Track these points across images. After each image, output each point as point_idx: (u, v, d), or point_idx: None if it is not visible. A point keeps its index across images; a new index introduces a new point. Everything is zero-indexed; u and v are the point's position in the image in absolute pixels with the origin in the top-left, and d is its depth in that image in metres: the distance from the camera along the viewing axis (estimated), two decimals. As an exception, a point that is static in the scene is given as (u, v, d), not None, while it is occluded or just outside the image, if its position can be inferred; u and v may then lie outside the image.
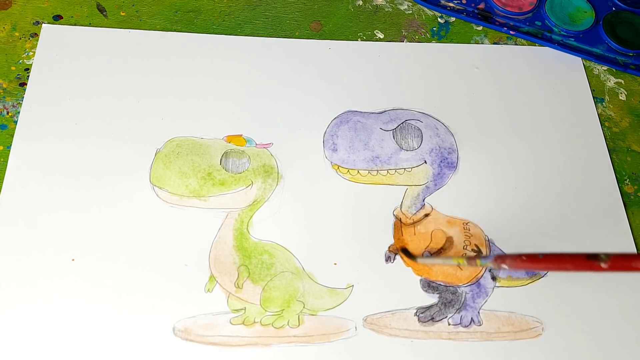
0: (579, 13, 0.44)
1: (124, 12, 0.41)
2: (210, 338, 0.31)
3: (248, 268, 0.33)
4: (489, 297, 0.33)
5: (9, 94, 0.37)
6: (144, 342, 0.31)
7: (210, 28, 0.41)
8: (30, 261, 0.32)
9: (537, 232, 0.36)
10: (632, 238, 0.36)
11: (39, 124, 0.36)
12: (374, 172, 0.37)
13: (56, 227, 0.33)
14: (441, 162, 0.37)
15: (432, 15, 0.44)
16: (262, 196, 0.35)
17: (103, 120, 0.37)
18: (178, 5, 0.42)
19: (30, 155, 0.35)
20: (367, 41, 0.42)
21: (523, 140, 0.39)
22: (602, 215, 0.36)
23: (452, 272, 0.34)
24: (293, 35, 0.42)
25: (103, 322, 0.31)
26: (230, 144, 0.37)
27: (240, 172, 0.36)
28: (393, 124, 0.39)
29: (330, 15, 0.43)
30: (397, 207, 0.36)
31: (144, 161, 0.36)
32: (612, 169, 0.38)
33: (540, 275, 0.34)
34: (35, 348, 0.30)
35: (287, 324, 0.32)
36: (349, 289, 0.33)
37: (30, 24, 0.40)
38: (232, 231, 0.34)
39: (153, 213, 0.34)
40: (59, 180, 0.35)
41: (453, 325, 0.33)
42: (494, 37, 0.43)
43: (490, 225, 0.36)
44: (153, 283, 0.32)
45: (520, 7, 0.44)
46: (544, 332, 0.33)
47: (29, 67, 0.38)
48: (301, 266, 0.33)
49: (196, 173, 0.36)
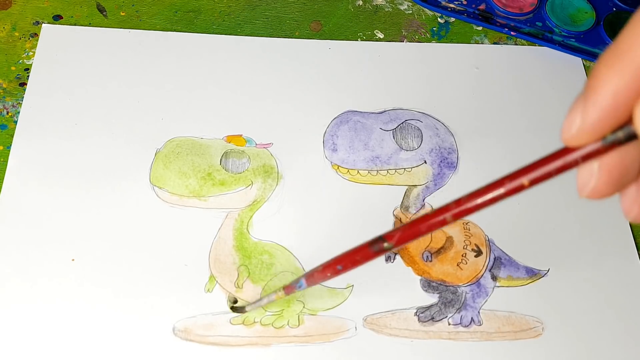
0: (579, 14, 0.44)
1: (124, 12, 0.41)
2: (210, 338, 0.31)
3: (248, 268, 0.33)
4: (489, 297, 0.33)
5: (9, 94, 0.37)
6: (144, 342, 0.31)
7: (210, 28, 0.41)
8: (30, 261, 0.32)
9: (537, 232, 0.36)
10: (632, 238, 0.36)
11: (39, 124, 0.36)
12: (374, 172, 0.37)
13: (56, 227, 0.33)
14: (441, 162, 0.37)
15: (432, 15, 0.44)
16: (262, 196, 0.35)
17: (103, 121, 0.37)
18: (178, 5, 0.42)
19: (30, 155, 0.35)
20: (367, 41, 0.42)
21: (523, 141, 0.39)
22: (602, 215, 0.36)
23: (452, 272, 0.34)
24: (293, 35, 0.42)
25: (103, 322, 0.31)
26: (230, 144, 0.37)
27: (240, 172, 0.36)
28: (393, 124, 0.39)
29: (330, 15, 0.43)
30: (397, 207, 0.36)
31: (144, 161, 0.36)
32: (612, 169, 0.38)
33: (541, 275, 0.34)
34: (36, 348, 0.30)
35: (287, 324, 0.32)
36: (349, 289, 0.33)
37: (30, 24, 0.40)
38: (232, 231, 0.34)
39: (153, 213, 0.34)
40: (59, 180, 0.35)
41: (453, 325, 0.33)
42: (494, 37, 0.43)
43: (490, 225, 0.36)
44: (153, 283, 0.32)
45: (520, 7, 0.44)
46: (544, 332, 0.33)
47: (29, 67, 0.38)
48: (301, 266, 0.33)
49: (196, 173, 0.36)
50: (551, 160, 0.18)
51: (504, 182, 0.19)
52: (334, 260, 0.26)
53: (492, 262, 0.34)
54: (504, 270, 0.34)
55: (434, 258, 0.34)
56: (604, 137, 0.17)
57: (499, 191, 0.19)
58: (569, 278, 0.34)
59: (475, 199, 0.20)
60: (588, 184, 0.18)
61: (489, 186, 0.20)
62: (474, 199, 0.20)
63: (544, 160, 0.18)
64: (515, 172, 0.19)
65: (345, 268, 0.26)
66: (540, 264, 0.35)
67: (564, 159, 0.18)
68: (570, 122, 0.17)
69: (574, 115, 0.17)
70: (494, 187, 0.20)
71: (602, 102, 0.16)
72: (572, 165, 0.18)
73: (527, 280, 0.34)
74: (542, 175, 0.18)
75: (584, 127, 0.16)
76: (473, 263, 0.34)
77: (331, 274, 0.27)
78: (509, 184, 0.19)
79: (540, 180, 0.19)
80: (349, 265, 0.26)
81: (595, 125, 0.16)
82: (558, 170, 0.18)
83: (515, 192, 0.19)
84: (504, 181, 0.19)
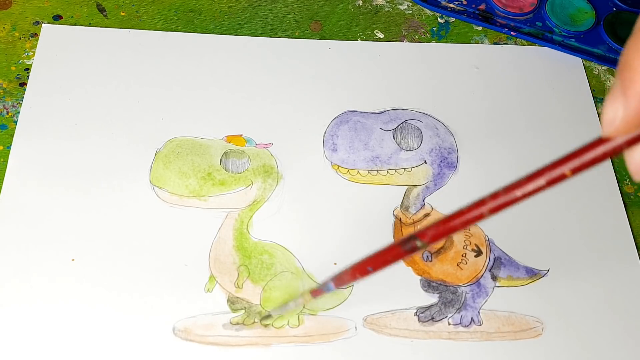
0: (579, 14, 0.44)
1: (124, 12, 0.41)
2: (210, 338, 0.31)
3: (248, 268, 0.33)
4: (489, 297, 0.33)
5: (9, 94, 0.37)
6: (144, 342, 0.31)
7: (210, 28, 0.41)
8: (30, 261, 0.32)
9: (537, 232, 0.36)
10: (632, 238, 0.36)
11: (39, 124, 0.36)
12: (374, 172, 0.37)
13: (56, 227, 0.33)
14: (441, 162, 0.37)
15: (432, 15, 0.44)
16: (262, 196, 0.35)
17: (103, 121, 0.37)
18: (178, 5, 0.42)
19: (30, 155, 0.35)
20: (367, 41, 0.42)
21: (523, 140, 0.39)
22: (602, 215, 0.36)
23: (453, 272, 0.34)
24: (293, 35, 0.42)
25: (103, 322, 0.31)
26: (230, 144, 0.37)
27: (240, 172, 0.36)
28: (393, 124, 0.39)
29: (330, 15, 0.43)
30: (397, 207, 0.36)
31: (144, 161, 0.36)
32: (612, 169, 0.38)
33: (541, 275, 0.34)
34: (35, 348, 0.30)
35: (287, 324, 0.32)
36: (349, 289, 0.33)
37: (30, 24, 0.40)
38: (232, 231, 0.34)
39: (153, 213, 0.34)
40: (59, 180, 0.35)
41: (453, 325, 0.33)
42: (494, 37, 0.43)
43: (490, 225, 0.36)
44: (153, 283, 0.32)
45: (520, 7, 0.44)
46: (544, 332, 0.33)
47: (29, 67, 0.38)
48: (301, 266, 0.33)
49: (196, 173, 0.36)
50: (593, 148, 0.18)
51: (544, 172, 0.18)
52: (364, 262, 0.25)
53: (492, 262, 0.34)
54: (504, 270, 0.34)
55: (434, 258, 0.34)
56: None
57: (539, 182, 0.18)
58: (569, 278, 0.34)
59: (513, 192, 0.19)
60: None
61: (529, 177, 0.19)
62: (513, 191, 0.19)
63: (586, 148, 0.18)
64: (556, 161, 0.18)
65: (375, 269, 0.25)
66: (540, 264, 0.35)
67: (607, 145, 0.17)
68: (613, 114, 0.17)
69: (615, 107, 0.17)
70: (533, 177, 0.19)
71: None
72: (617, 151, 0.17)
73: (527, 280, 0.34)
74: (585, 163, 0.18)
75: (627, 117, 0.17)
76: (473, 263, 0.34)
77: (360, 275, 0.26)
78: (549, 173, 0.18)
79: (582, 169, 0.18)
80: (380, 265, 0.25)
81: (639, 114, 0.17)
82: (602, 157, 0.18)
83: (557, 182, 0.18)
84: (543, 171, 0.18)
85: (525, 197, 0.19)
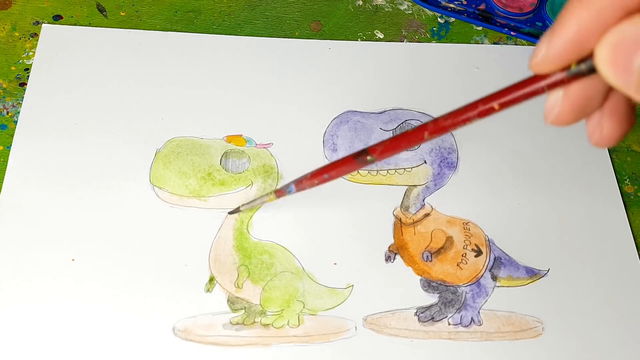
0: (579, 13, 0.44)
1: (124, 12, 0.41)
2: (210, 338, 0.31)
3: (248, 268, 0.33)
4: (489, 297, 0.33)
5: (9, 94, 0.37)
6: (143, 342, 0.31)
7: (210, 28, 0.41)
8: (30, 261, 0.32)
9: (537, 231, 0.36)
10: (632, 238, 0.36)
11: (39, 124, 0.36)
12: (374, 172, 0.37)
13: (56, 227, 0.33)
14: (441, 162, 0.37)
15: (432, 15, 0.44)
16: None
17: (103, 120, 0.37)
18: (178, 5, 0.42)
19: (30, 155, 0.35)
20: (367, 41, 0.42)
21: (523, 140, 0.39)
22: (602, 215, 0.36)
23: (453, 272, 0.34)
24: (293, 35, 0.42)
25: (103, 322, 0.31)
26: (230, 144, 0.37)
27: (240, 172, 0.36)
28: (393, 124, 0.39)
29: (330, 15, 0.43)
30: (397, 207, 0.36)
31: (144, 161, 0.36)
32: (612, 169, 0.38)
33: (541, 275, 0.34)
34: (35, 348, 0.30)
35: (287, 324, 0.32)
36: (349, 289, 0.33)
37: (30, 24, 0.40)
38: (232, 231, 0.34)
39: (153, 213, 0.34)
40: (59, 180, 0.35)
41: (453, 325, 0.33)
42: (494, 37, 0.43)
43: (490, 225, 0.36)
44: (153, 283, 0.32)
45: (520, 7, 0.44)
46: (544, 332, 0.33)
47: (29, 67, 0.38)
48: (301, 266, 0.33)
49: (196, 173, 0.36)
50: (520, 87, 0.20)
51: (477, 105, 0.21)
52: (321, 169, 0.29)
53: (492, 262, 0.34)
54: (504, 270, 0.34)
55: (434, 258, 0.34)
56: (568, 68, 0.18)
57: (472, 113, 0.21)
58: (569, 278, 0.34)
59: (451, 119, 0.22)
60: (552, 111, 0.19)
61: (464, 109, 0.22)
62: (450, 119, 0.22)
63: (514, 87, 0.20)
64: (487, 96, 0.21)
65: (331, 177, 0.29)
66: (540, 264, 0.35)
67: (532, 86, 0.19)
68: (538, 50, 0.18)
69: (541, 44, 0.18)
70: (468, 109, 0.22)
71: (566, 33, 0.17)
72: (539, 92, 0.19)
73: (527, 280, 0.34)
74: (511, 100, 0.20)
75: (548, 55, 0.18)
76: (473, 263, 0.34)
77: (318, 181, 0.29)
78: (482, 106, 0.21)
79: (509, 104, 0.20)
80: (335, 174, 0.29)
81: (559, 54, 0.17)
82: (526, 95, 0.20)
83: (486, 114, 0.21)
84: (477, 104, 0.21)
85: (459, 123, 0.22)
